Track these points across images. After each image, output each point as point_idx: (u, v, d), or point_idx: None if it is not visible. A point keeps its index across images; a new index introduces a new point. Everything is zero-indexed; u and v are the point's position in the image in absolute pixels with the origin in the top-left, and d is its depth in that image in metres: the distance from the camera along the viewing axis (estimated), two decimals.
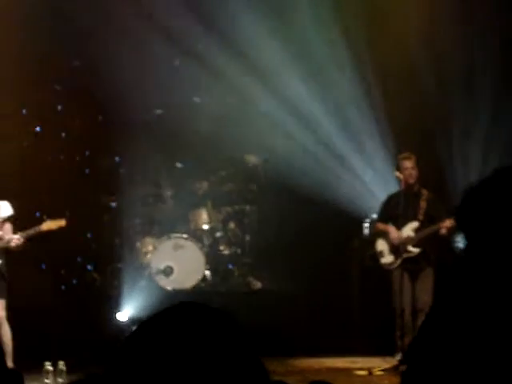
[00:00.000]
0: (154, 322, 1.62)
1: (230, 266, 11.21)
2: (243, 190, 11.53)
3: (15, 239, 8.35)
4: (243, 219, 11.37)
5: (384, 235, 9.83)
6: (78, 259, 11.76)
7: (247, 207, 11.41)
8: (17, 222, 8.79)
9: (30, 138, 11.86)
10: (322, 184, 11.18)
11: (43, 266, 11.60)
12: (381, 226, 10.00)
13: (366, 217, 11.36)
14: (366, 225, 11.39)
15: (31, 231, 8.49)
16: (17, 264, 9.48)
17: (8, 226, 8.58)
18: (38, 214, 9.07)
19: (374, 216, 10.68)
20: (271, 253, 11.28)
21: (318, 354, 10.08)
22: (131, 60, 11.44)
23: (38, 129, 12.03)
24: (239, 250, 11.28)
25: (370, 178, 11.50)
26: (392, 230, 9.72)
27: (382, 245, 9.89)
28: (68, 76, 12.00)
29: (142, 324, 1.62)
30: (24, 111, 11.92)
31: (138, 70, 11.57)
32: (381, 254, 9.88)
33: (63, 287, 11.23)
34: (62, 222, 8.67)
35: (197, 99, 12.09)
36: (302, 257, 11.16)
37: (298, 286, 10.84)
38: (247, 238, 11.31)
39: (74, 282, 11.42)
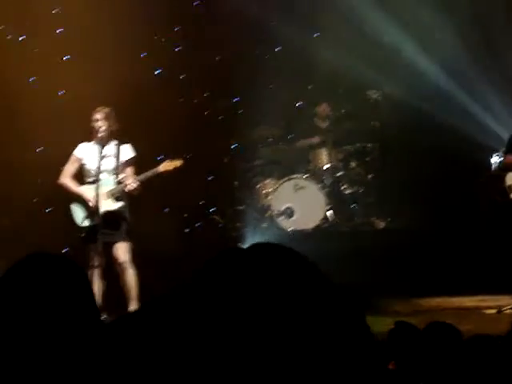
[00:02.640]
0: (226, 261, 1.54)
1: (353, 206, 10.97)
2: (365, 128, 11.24)
3: (128, 183, 8.34)
4: (365, 157, 11.10)
5: None
6: (200, 202, 11.80)
7: (369, 145, 11.12)
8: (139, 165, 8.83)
9: (149, 80, 11.91)
10: (447, 118, 10.77)
11: (166, 210, 11.72)
12: (510, 159, 9.56)
13: (495, 150, 10.90)
14: (495, 159, 10.93)
15: (148, 173, 8.47)
16: (140, 208, 9.57)
17: (129, 169, 8.60)
18: (158, 158, 9.05)
19: (503, 149, 10.22)
20: (395, 191, 11.00)
21: (445, 293, 9.80)
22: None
23: (157, 71, 12.07)
24: (361, 189, 11.03)
25: (499, 111, 11.01)
26: None
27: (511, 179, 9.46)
28: (186, 16, 11.95)
29: (211, 263, 1.54)
30: (143, 54, 11.96)
31: (255, 7, 11.40)
32: (510, 188, 9.46)
33: (186, 230, 11.28)
34: (178, 163, 8.60)
35: (316, 35, 11.84)
36: (428, 194, 10.85)
37: (424, 224, 10.54)
38: (369, 176, 11.05)
39: (197, 225, 11.46)
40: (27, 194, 11.27)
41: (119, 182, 8.47)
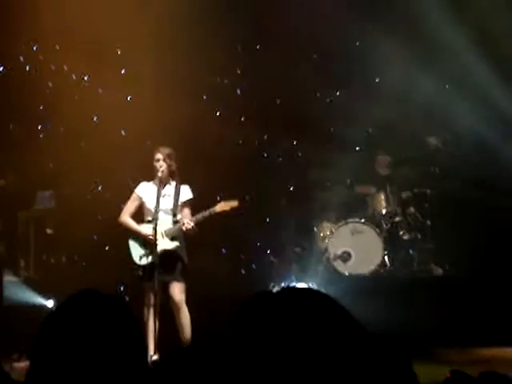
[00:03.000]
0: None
1: (410, 252, 10.87)
2: (424, 173, 11.16)
3: (185, 223, 8.41)
4: (424, 203, 11.00)
5: None
6: (257, 243, 11.82)
7: (428, 191, 11.02)
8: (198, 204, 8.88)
9: (210, 121, 12.03)
10: (509, 164, 10.66)
11: (224, 251, 11.76)
12: None
13: None
14: None
15: (205, 213, 8.50)
16: (198, 248, 9.62)
17: (187, 210, 8.67)
18: (218, 198, 9.10)
19: None
20: (453, 238, 10.87)
21: (502, 343, 9.62)
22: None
23: (218, 113, 12.18)
24: (419, 235, 10.93)
25: None
26: None
27: None
28: (248, 58, 12.07)
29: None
30: (204, 96, 12.09)
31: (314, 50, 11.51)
32: None
33: (243, 271, 11.30)
34: (235, 203, 8.63)
35: (377, 79, 11.87)
36: (487, 242, 10.70)
37: (482, 273, 10.39)
38: (428, 222, 10.95)
39: (253, 266, 11.46)
40: (88, 231, 11.43)
41: (176, 222, 8.54)
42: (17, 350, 7.76)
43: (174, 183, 8.68)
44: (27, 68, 11.89)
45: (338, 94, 12.17)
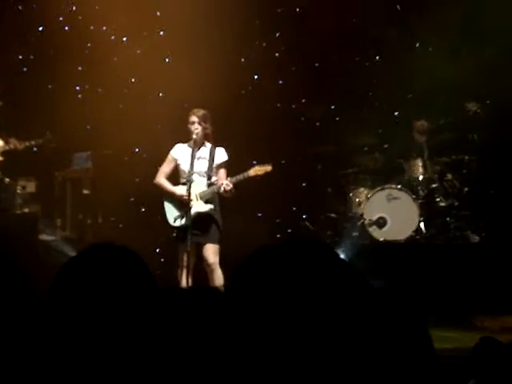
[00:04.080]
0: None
1: (447, 219, 10.77)
2: (462, 139, 11.01)
3: (224, 184, 8.42)
4: (461, 170, 10.87)
5: None
6: (293, 208, 11.80)
7: (466, 157, 10.88)
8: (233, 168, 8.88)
9: (248, 85, 11.98)
10: None
11: (259, 215, 11.76)
12: None
13: None
14: None
15: (239, 177, 8.53)
16: (234, 211, 9.63)
17: (222, 172, 8.69)
18: (254, 162, 9.09)
19: None
20: (491, 205, 10.76)
21: None
22: None
23: (255, 76, 12.12)
24: (457, 202, 10.80)
25: None
26: None
27: None
28: (287, 22, 11.98)
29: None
30: (242, 59, 12.03)
31: (356, 15, 11.37)
32: None
33: (278, 235, 11.28)
34: (268, 168, 8.64)
35: (417, 44, 11.72)
36: None
37: None
38: (465, 189, 10.82)
39: (289, 230, 11.44)
40: (124, 193, 11.49)
41: (210, 185, 8.55)
42: None
43: (209, 145, 8.69)
44: (66, 28, 11.90)
45: (377, 58, 12.03)
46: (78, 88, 11.96)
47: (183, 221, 8.43)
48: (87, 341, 1.92)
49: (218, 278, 8.44)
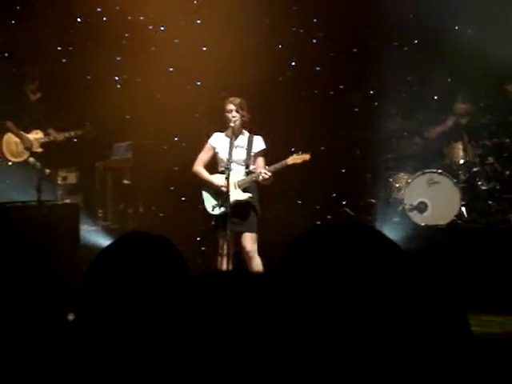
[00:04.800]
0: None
1: (489, 202, 10.66)
2: (503, 122, 10.87)
3: (262, 173, 8.41)
4: (503, 153, 10.73)
5: None
6: (333, 194, 11.76)
7: (507, 140, 10.74)
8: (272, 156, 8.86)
9: (285, 72, 11.95)
10: None
11: (299, 202, 11.74)
12: None
13: None
14: None
15: (277, 165, 8.51)
16: (274, 199, 9.63)
17: (260, 160, 8.67)
18: (292, 149, 9.07)
19: None
20: None
21: None
22: None
23: (293, 63, 12.09)
24: (498, 186, 10.68)
25: None
26: None
27: None
28: (324, 8, 11.92)
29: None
30: (279, 46, 12.00)
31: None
32: None
33: (318, 222, 11.25)
34: (306, 156, 8.62)
35: (456, 27, 11.58)
36: None
37: None
38: (507, 172, 10.69)
39: (329, 217, 11.41)
40: (164, 182, 11.54)
41: (249, 173, 8.55)
42: None
43: (246, 134, 8.68)
44: (104, 19, 11.96)
45: (415, 42, 11.93)
46: (116, 78, 12.04)
47: (222, 209, 8.44)
48: (120, 332, 1.92)
49: (257, 266, 8.44)
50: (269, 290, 1.57)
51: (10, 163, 10.96)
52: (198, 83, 11.75)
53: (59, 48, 12.06)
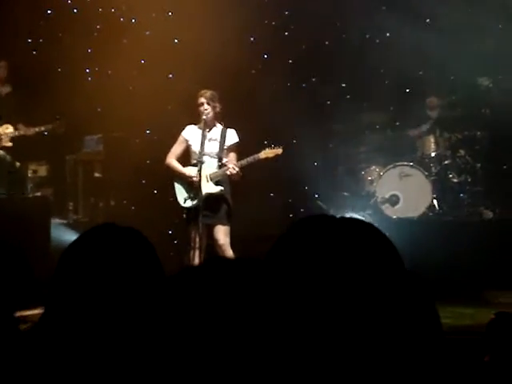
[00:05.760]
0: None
1: (460, 195, 10.72)
2: (474, 115, 10.94)
3: (230, 168, 8.39)
4: (474, 145, 10.80)
5: None
6: (305, 187, 11.76)
7: (478, 133, 10.82)
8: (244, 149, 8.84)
9: (257, 65, 11.93)
10: None
11: (271, 195, 11.73)
12: None
13: None
14: None
15: (249, 159, 8.50)
16: (246, 192, 9.60)
17: (233, 154, 8.65)
18: (265, 142, 9.05)
19: None
20: (504, 180, 10.70)
21: None
22: None
23: (265, 56, 12.06)
24: (470, 178, 10.75)
25: None
26: None
27: None
28: (296, 0, 11.90)
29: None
30: (252, 39, 11.97)
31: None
32: None
33: (291, 215, 11.25)
34: (279, 151, 8.61)
35: (427, 20, 11.61)
36: None
37: None
38: (478, 165, 10.76)
39: (302, 210, 11.40)
40: (136, 175, 11.49)
41: (221, 166, 8.53)
42: None
43: (220, 127, 8.65)
44: (75, 11, 11.86)
45: (388, 35, 11.94)
46: (87, 70, 11.95)
47: (194, 202, 8.41)
48: (91, 324, 1.90)
49: None
50: (259, 278, 1.55)
51: None
52: (170, 75, 11.69)
53: (29, 40, 11.96)
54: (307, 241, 1.49)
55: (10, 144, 10.84)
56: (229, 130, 8.68)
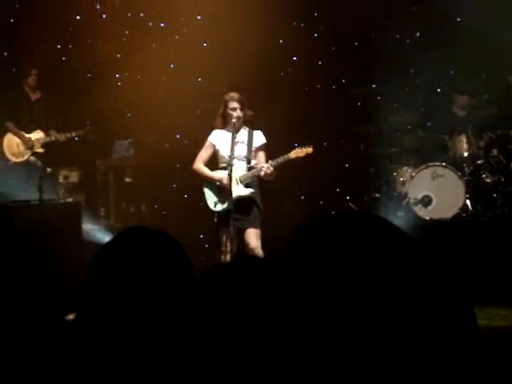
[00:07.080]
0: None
1: (493, 195, 10.59)
2: (507, 114, 10.81)
3: (264, 167, 8.34)
4: (507, 145, 10.67)
5: None
6: (336, 189, 11.70)
7: (511, 132, 10.68)
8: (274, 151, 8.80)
9: (287, 66, 11.90)
10: None
11: (302, 197, 11.68)
12: None
13: None
14: None
15: (279, 159, 8.44)
16: (276, 194, 9.57)
17: (261, 155, 8.60)
18: (295, 144, 9.00)
19: None
20: None
21: None
22: None
23: (294, 57, 12.02)
24: (503, 178, 10.62)
25: None
26: None
27: None
28: (323, 1, 11.86)
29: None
30: (281, 41, 11.94)
31: None
32: None
33: None
34: (309, 150, 8.54)
35: (458, 19, 11.51)
36: None
37: None
38: (511, 164, 10.63)
39: (333, 212, 11.31)
40: (166, 180, 11.50)
41: (250, 168, 8.49)
42: None
43: (246, 129, 8.61)
44: (104, 16, 11.90)
45: (417, 35, 11.86)
46: (117, 76, 11.97)
47: (224, 205, 8.38)
48: (122, 328, 1.88)
49: None
50: (273, 278, 1.53)
51: (11, 163, 10.92)
52: (199, 79, 11.69)
53: (58, 46, 12.01)
54: (318, 241, 1.47)
55: (41, 150, 10.92)
56: (255, 131, 8.64)
